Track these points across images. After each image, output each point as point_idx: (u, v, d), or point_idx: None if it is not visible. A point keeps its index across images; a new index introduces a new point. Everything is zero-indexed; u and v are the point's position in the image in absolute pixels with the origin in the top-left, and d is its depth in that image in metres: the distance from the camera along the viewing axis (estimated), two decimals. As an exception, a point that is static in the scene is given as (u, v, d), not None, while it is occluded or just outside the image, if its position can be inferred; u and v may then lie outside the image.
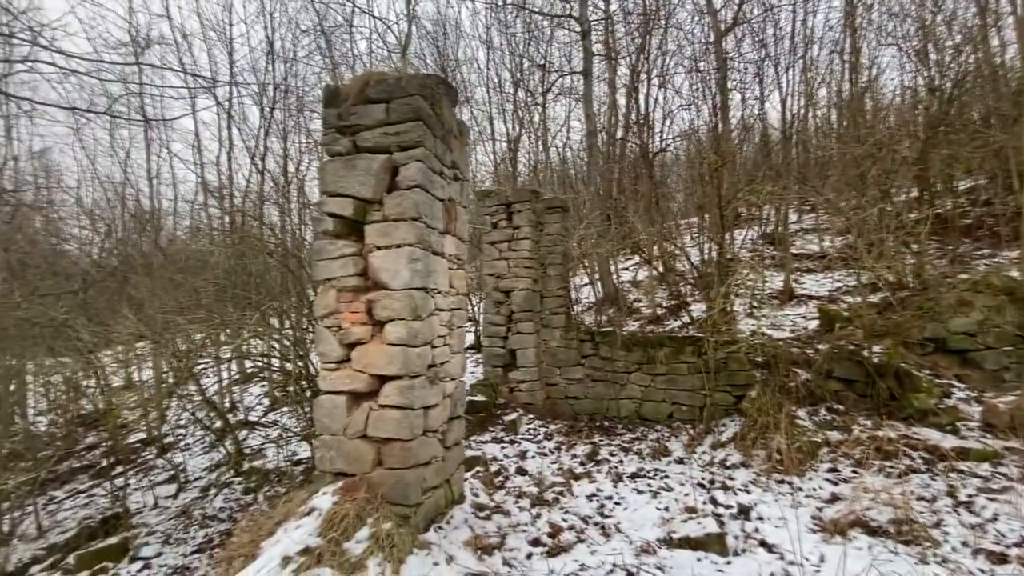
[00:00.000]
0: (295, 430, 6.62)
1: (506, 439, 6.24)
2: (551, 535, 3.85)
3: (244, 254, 6.61)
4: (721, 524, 3.80)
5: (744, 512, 4.04)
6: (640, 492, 4.65)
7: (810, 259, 8.96)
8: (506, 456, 5.74)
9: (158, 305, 5.88)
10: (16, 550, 5.94)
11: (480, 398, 6.89)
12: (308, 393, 5.98)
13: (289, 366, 6.42)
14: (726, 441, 5.36)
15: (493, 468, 5.29)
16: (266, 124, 10.65)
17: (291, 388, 6.69)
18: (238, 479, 6.69)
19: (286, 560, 2.58)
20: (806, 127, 11.46)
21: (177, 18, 25.25)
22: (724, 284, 6.17)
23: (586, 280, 9.76)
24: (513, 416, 6.70)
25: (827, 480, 4.36)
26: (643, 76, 10.94)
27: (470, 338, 9.68)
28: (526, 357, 7.08)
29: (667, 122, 13.24)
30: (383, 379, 3.46)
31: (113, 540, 5.74)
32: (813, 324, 6.87)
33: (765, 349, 5.69)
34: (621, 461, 5.44)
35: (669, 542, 3.64)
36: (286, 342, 6.34)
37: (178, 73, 11.37)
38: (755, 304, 7.39)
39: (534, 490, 4.70)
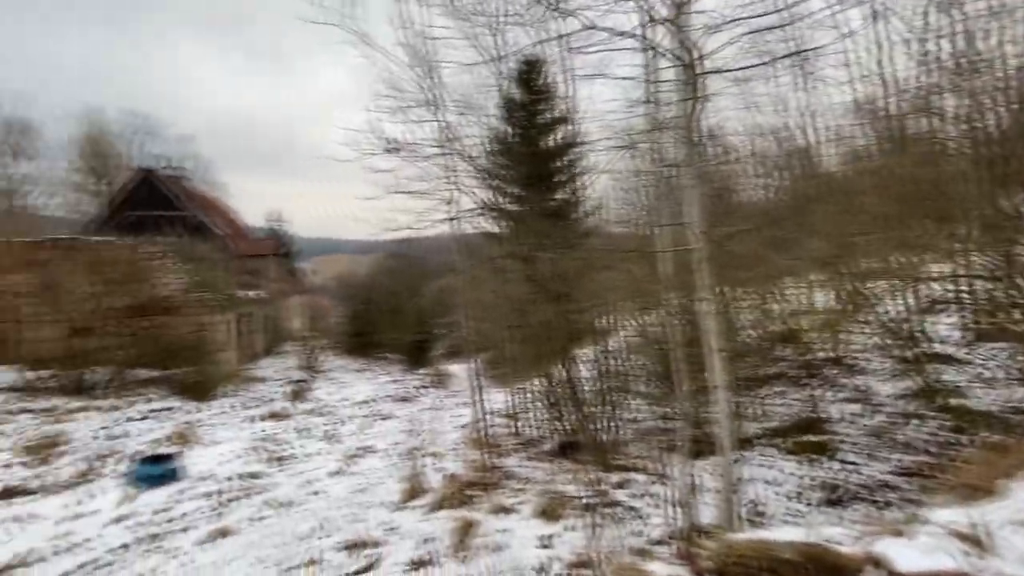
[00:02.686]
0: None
1: None
2: None
3: (919, 161, 5.73)
4: None
5: None
6: None
7: None
8: None
9: (834, 231, 6.11)
10: (744, 426, 7.97)
11: None
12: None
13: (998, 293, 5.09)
14: None
15: None
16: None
17: (999, 318, 5.30)
18: (932, 413, 6.08)
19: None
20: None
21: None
22: None
23: None
24: None
25: None
26: None
27: None
28: None
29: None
30: None
31: (814, 438, 6.61)
32: None
33: None
34: None
35: None
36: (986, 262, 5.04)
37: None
38: None
39: None
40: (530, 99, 14.32)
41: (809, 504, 5.54)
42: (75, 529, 5.45)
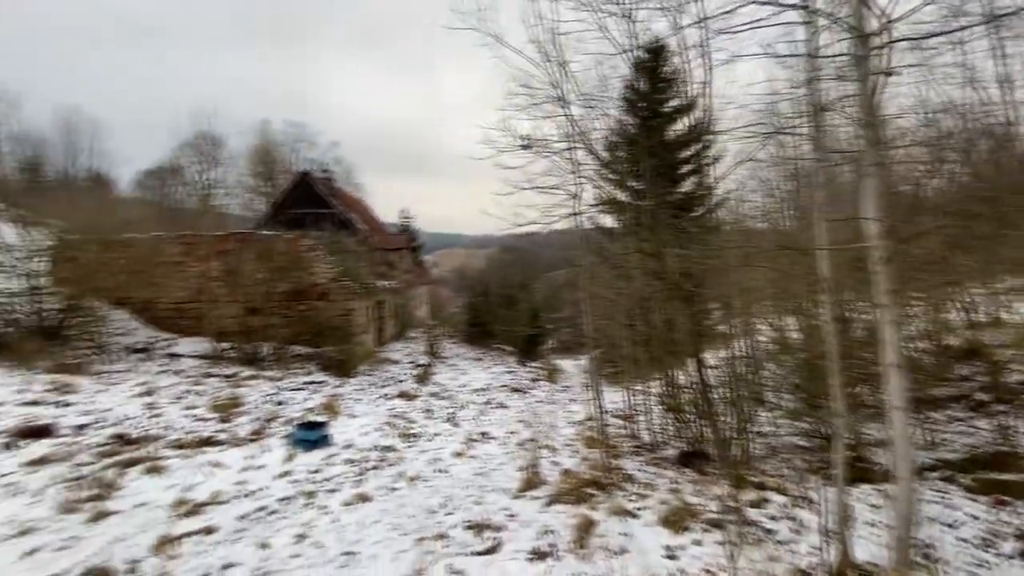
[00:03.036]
0: None
1: None
2: None
3: None
4: None
5: None
6: None
7: None
8: None
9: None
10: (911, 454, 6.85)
11: None
12: None
13: None
14: None
15: None
16: None
17: None
18: None
19: None
20: None
21: None
22: None
23: None
24: None
25: None
26: None
27: None
28: None
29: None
30: None
31: (1005, 476, 5.48)
32: None
33: None
34: None
35: None
36: None
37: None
38: None
39: None
40: (655, 87, 13.68)
41: (999, 555, 4.62)
42: (250, 479, 6.44)
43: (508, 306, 23.62)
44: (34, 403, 7.92)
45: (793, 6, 3.13)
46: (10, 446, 6.37)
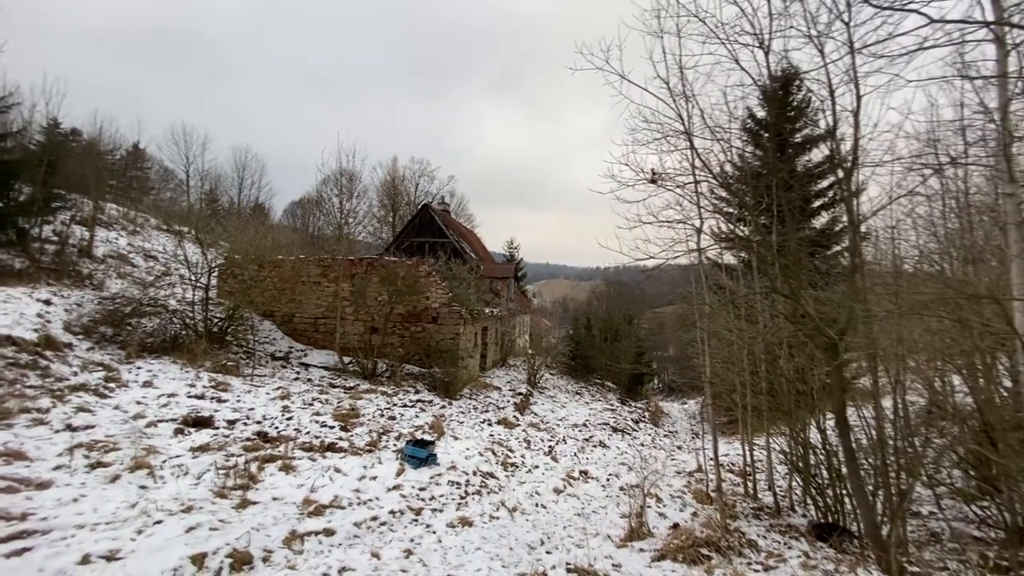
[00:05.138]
0: None
1: None
2: None
3: None
4: None
5: None
6: None
7: None
8: None
9: None
10: None
11: None
12: None
13: None
14: None
15: None
16: None
17: None
18: None
19: None
20: None
21: None
22: None
23: None
24: None
25: None
26: None
27: None
28: None
29: None
30: None
31: None
32: None
33: None
34: None
35: None
36: None
37: None
38: None
39: None
40: (786, 117, 12.81)
41: None
42: (364, 488, 6.84)
43: (611, 341, 23.00)
44: (199, 396, 9.26)
45: (986, 23, 2.74)
46: (180, 432, 7.47)
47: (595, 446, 12.97)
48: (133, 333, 11.44)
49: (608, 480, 9.91)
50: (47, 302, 11.33)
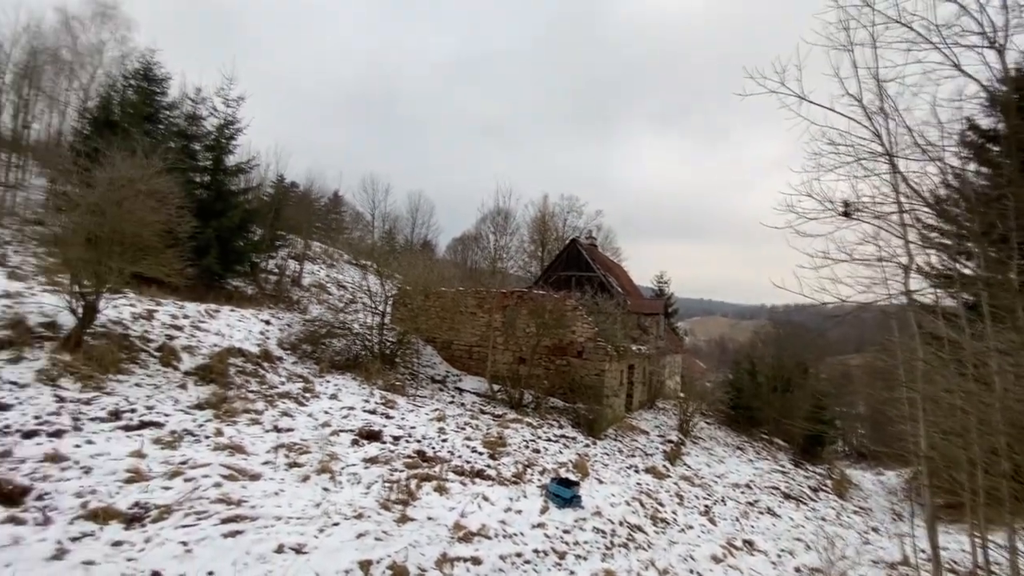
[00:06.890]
0: None
1: None
2: None
3: None
4: None
5: None
6: None
7: None
8: None
9: None
10: None
11: None
12: None
13: None
14: None
15: None
16: None
17: None
18: None
19: None
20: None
21: None
22: None
23: None
24: None
25: None
26: None
27: None
28: None
29: None
30: None
31: None
32: None
33: None
34: None
35: None
36: None
37: None
38: None
39: None
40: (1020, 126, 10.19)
41: None
42: (510, 521, 6.87)
43: (782, 390, 20.18)
44: (371, 411, 10.42)
45: None
46: (356, 443, 8.44)
47: (761, 512, 11.31)
48: (326, 351, 13.46)
49: (779, 557, 8.51)
50: (267, 322, 13.98)
